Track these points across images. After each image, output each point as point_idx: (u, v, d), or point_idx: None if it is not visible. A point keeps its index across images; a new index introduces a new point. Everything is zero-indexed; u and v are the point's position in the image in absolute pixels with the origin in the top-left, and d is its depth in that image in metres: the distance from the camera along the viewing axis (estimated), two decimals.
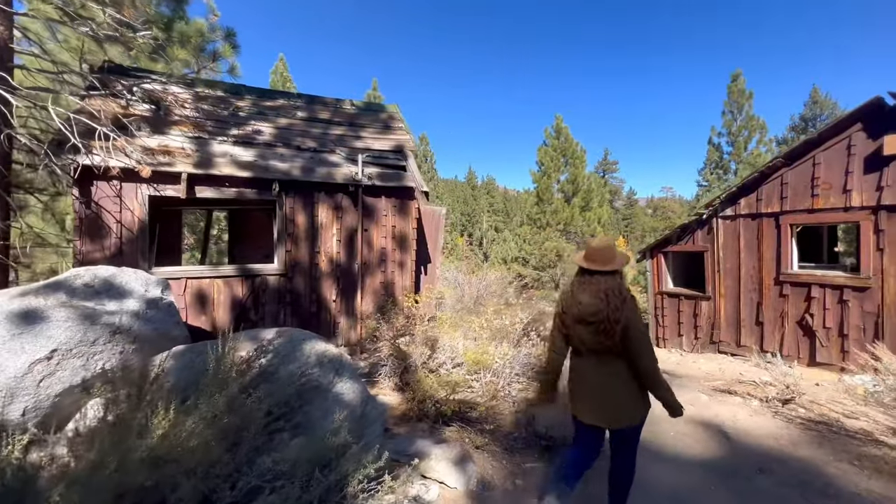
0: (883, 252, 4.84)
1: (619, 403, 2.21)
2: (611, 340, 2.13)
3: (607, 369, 2.22)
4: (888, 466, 3.17)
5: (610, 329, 2.11)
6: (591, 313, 2.16)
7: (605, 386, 2.23)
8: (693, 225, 6.94)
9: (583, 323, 2.21)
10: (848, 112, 5.11)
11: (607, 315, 2.11)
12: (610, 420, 2.23)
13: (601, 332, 2.14)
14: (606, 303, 2.13)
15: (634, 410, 2.22)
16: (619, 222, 59.31)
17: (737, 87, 16.76)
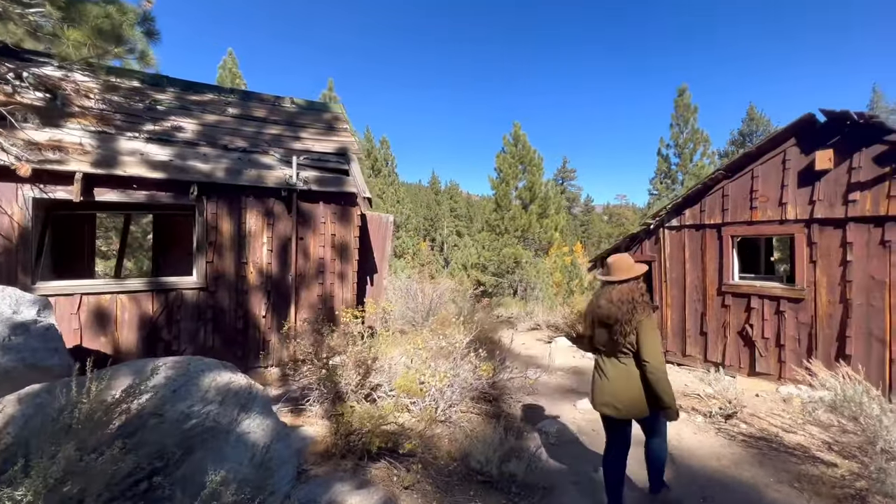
0: (815, 264, 4.95)
1: (632, 397, 2.51)
2: (624, 340, 2.48)
3: (622, 366, 2.55)
4: (826, 487, 3.11)
5: (622, 330, 2.47)
6: (607, 316, 2.55)
7: (613, 377, 2.57)
8: (641, 235, 6.96)
9: (602, 325, 2.62)
10: (783, 127, 5.23)
11: (619, 317, 2.49)
12: (625, 412, 2.55)
13: (616, 332, 2.50)
14: (618, 307, 2.51)
15: (637, 405, 2.52)
16: (577, 228, 61.15)
17: (683, 102, 17.59)
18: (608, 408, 2.59)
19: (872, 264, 4.51)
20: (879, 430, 3.06)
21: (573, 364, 7.13)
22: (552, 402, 5.10)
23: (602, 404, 2.63)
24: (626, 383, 2.52)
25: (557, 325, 10.64)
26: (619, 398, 2.54)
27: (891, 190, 4.39)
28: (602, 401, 2.62)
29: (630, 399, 2.51)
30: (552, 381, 6.14)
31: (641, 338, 2.43)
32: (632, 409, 2.53)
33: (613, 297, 2.57)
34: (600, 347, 2.68)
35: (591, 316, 2.73)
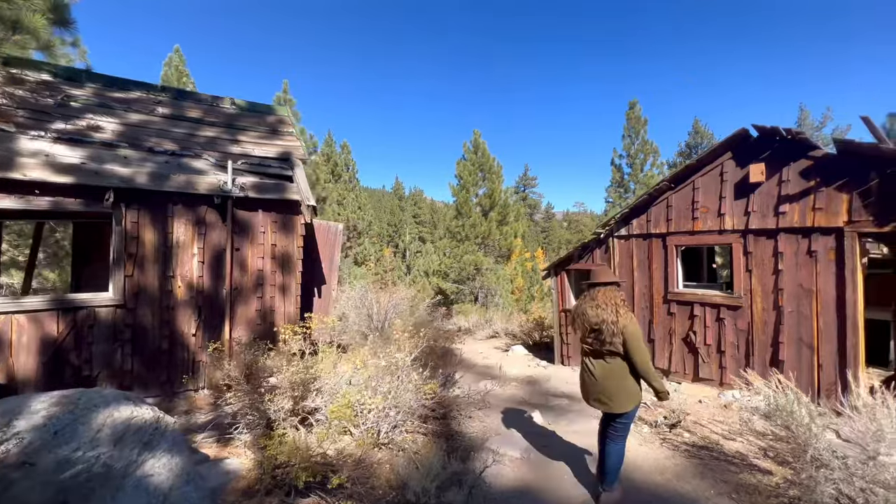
0: (751, 273, 5.14)
1: (617, 393, 2.87)
2: (611, 340, 2.80)
3: (609, 366, 2.89)
4: (761, 497, 3.14)
5: (610, 330, 2.80)
6: (595, 320, 2.88)
7: (600, 375, 2.93)
8: (592, 244, 7.05)
9: (591, 329, 2.94)
10: (721, 141, 5.42)
11: (605, 318, 2.82)
12: (608, 406, 2.91)
13: (605, 333, 2.82)
14: (603, 308, 2.85)
15: (627, 401, 2.88)
16: (538, 235, 62.56)
17: (634, 114, 18.37)
18: (598, 403, 3.00)
19: (801, 273, 4.73)
20: (809, 437, 3.13)
21: (528, 374, 7.08)
22: (504, 416, 4.97)
23: (593, 399, 3.03)
24: (612, 381, 2.90)
25: (515, 334, 10.64)
26: (607, 394, 2.92)
27: (816, 203, 4.62)
28: (593, 397, 3.03)
29: (615, 396, 2.89)
30: (506, 393, 6.04)
31: (628, 340, 2.80)
32: (616, 404, 2.90)
33: (598, 299, 2.95)
34: (588, 349, 3.05)
35: (581, 322, 3.05)
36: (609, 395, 2.90)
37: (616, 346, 2.83)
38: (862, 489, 2.83)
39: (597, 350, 2.96)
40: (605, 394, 2.92)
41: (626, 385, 2.89)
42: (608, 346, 2.86)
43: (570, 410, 5.09)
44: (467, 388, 5.95)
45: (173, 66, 18.49)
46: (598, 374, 2.95)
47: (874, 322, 5.61)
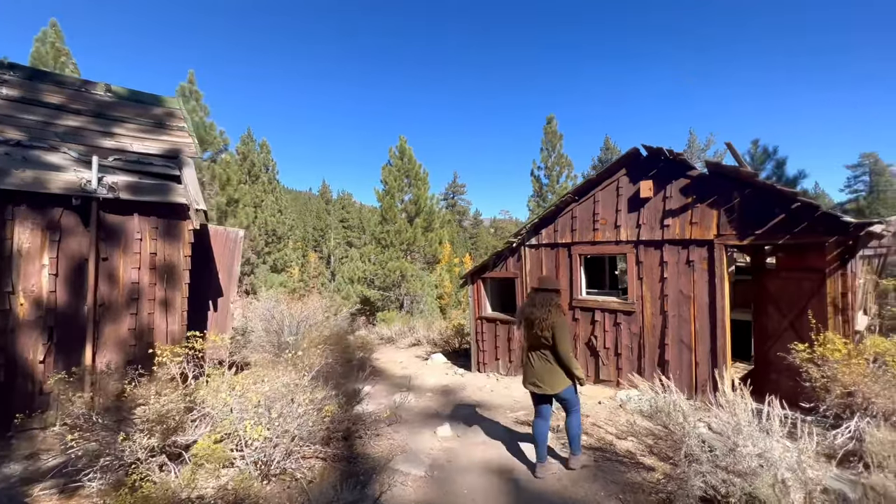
0: (642, 281, 5.58)
1: (550, 379, 3.50)
2: (543, 334, 3.45)
3: (543, 356, 3.55)
4: (644, 495, 3.33)
5: (542, 325, 3.44)
6: (533, 317, 3.51)
7: (538, 366, 3.57)
8: (506, 252, 7.22)
9: (528, 325, 3.57)
10: (617, 159, 5.84)
11: (539, 316, 3.47)
12: (549, 388, 3.52)
13: (537, 328, 3.47)
14: (540, 309, 3.49)
15: (557, 384, 3.50)
16: (467, 241, 63.94)
17: (551, 129, 19.55)
18: (533, 386, 3.62)
19: (681, 281, 5.22)
20: (684, 435, 3.39)
21: (444, 383, 7.03)
22: (413, 432, 4.82)
23: (529, 384, 3.67)
24: (545, 369, 3.55)
25: (436, 341, 10.60)
26: (541, 379, 3.57)
27: (692, 217, 5.14)
28: (529, 381, 3.66)
29: (547, 380, 3.53)
30: (419, 405, 5.90)
31: (556, 334, 3.43)
32: (548, 387, 3.53)
33: (537, 301, 3.60)
34: (527, 344, 3.69)
35: (523, 319, 3.68)
36: (542, 380, 3.56)
37: (547, 339, 3.47)
38: (723, 480, 3.12)
39: (533, 343, 3.61)
40: (539, 379, 3.57)
41: (555, 372, 3.53)
42: (542, 339, 3.50)
43: (480, 420, 5.09)
44: (380, 402, 5.73)
45: (48, 42, 15.95)
46: (535, 364, 3.61)
47: (740, 322, 6.39)
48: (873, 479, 3.10)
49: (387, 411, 5.13)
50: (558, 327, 3.42)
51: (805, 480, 3.09)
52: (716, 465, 3.27)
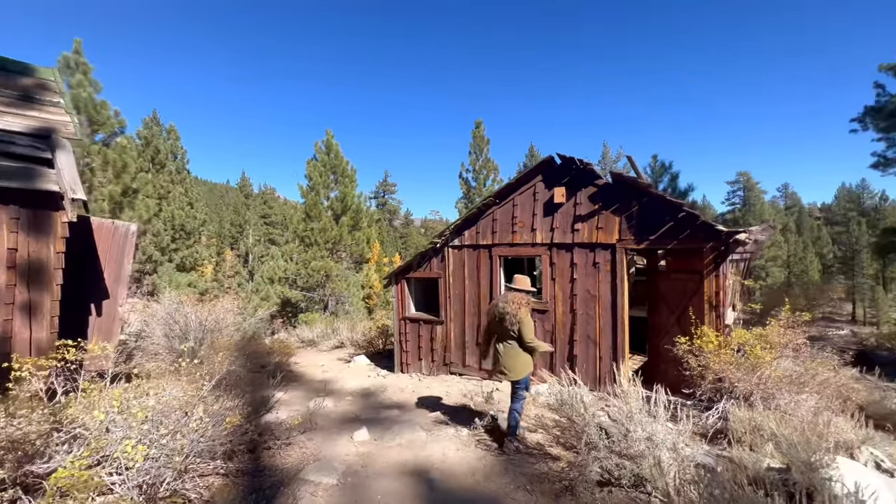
0: (555, 281, 5.94)
1: (514, 367, 4.04)
2: (512, 328, 3.96)
3: (510, 346, 4.06)
4: (548, 484, 3.53)
5: (511, 321, 3.95)
6: (504, 312, 3.99)
7: (504, 354, 4.08)
8: (430, 253, 7.26)
9: (499, 319, 4.04)
10: (534, 165, 6.15)
11: (509, 311, 3.96)
12: (508, 376, 4.06)
13: (507, 322, 3.97)
14: (511, 306, 3.98)
15: (523, 371, 4.06)
16: (397, 240, 63.51)
17: (479, 133, 20.13)
18: (500, 374, 4.13)
19: (588, 281, 5.64)
20: (585, 425, 3.65)
21: (365, 386, 6.87)
22: (328, 438, 4.63)
23: (498, 372, 4.15)
24: (510, 357, 4.07)
25: (360, 343, 10.35)
26: (508, 367, 4.08)
27: (599, 223, 5.58)
28: (498, 370, 4.15)
29: (513, 368, 4.06)
30: (338, 409, 5.70)
31: (522, 327, 3.97)
32: (513, 374, 4.07)
33: (510, 299, 4.06)
34: (494, 336, 4.19)
35: (494, 314, 4.13)
36: (509, 367, 4.07)
37: (514, 332, 3.99)
38: (616, 464, 3.41)
39: (501, 335, 4.10)
40: (506, 367, 4.08)
41: (520, 360, 4.06)
42: (510, 332, 4.01)
43: (398, 422, 5.04)
44: (295, 409, 5.43)
45: None
46: (502, 353, 4.10)
47: (638, 319, 7.07)
48: (734, 452, 3.60)
49: (300, 418, 4.87)
50: (525, 322, 3.99)
51: (682, 458, 3.50)
52: (611, 451, 3.57)
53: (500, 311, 4.04)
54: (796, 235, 38.27)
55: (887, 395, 5.66)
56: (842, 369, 6.98)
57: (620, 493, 3.33)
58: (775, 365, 4.23)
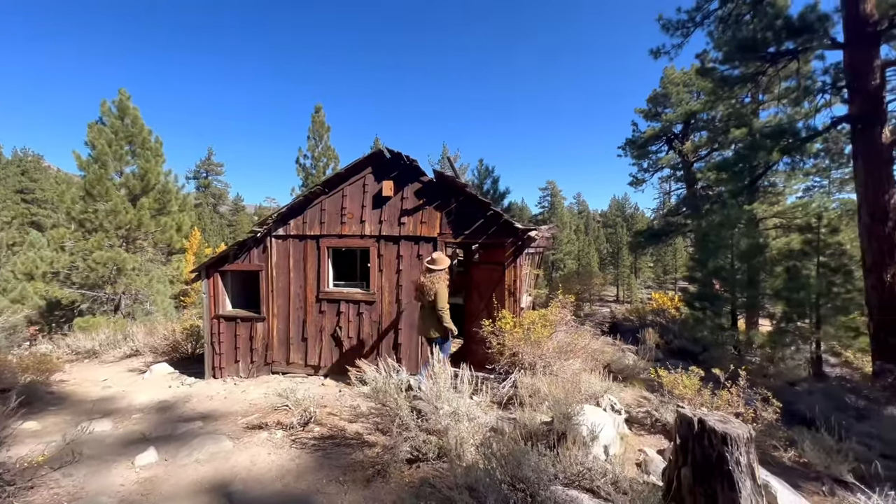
0: (383, 273, 6.07)
1: (433, 327, 5.00)
2: (431, 299, 4.92)
3: (430, 311, 4.99)
4: (361, 472, 3.59)
5: (430, 292, 4.92)
6: (426, 286, 4.95)
7: (428, 319, 5.03)
8: (250, 242, 6.56)
9: (422, 291, 5.00)
10: (364, 156, 6.13)
11: (430, 286, 4.92)
12: (433, 335, 5.02)
13: (427, 294, 4.94)
14: (432, 281, 4.93)
15: (440, 330, 4.99)
16: (224, 228, 55.70)
17: (319, 118, 19.06)
18: (426, 333, 5.05)
19: (413, 273, 5.94)
20: (397, 409, 3.84)
21: (163, 398, 5.82)
22: (98, 469, 3.76)
23: (424, 332, 5.09)
24: (432, 321, 4.96)
25: (160, 349, 8.69)
26: (426, 329, 5.03)
27: (423, 217, 5.92)
28: (422, 330, 5.11)
29: (432, 328, 4.98)
30: (118, 432, 4.69)
31: (438, 297, 4.87)
32: (430, 335, 5.01)
33: (433, 276, 4.94)
34: (421, 303, 5.07)
35: (417, 285, 5.10)
36: (428, 329, 5.02)
37: (433, 301, 4.89)
38: (424, 441, 3.70)
39: (424, 304, 5.02)
40: (427, 328, 5.03)
41: (435, 323, 4.96)
42: (429, 300, 4.91)
43: (199, 434, 4.42)
44: (52, 440, 4.23)
45: None
46: (426, 318, 5.04)
47: (458, 306, 7.81)
48: (518, 413, 4.30)
49: (51, 451, 3.82)
50: (440, 294, 4.88)
51: (479, 425, 4.00)
52: (421, 429, 3.85)
53: (425, 284, 4.95)
54: (584, 234, 48.15)
55: (625, 354, 7.62)
56: (599, 337, 9.15)
57: (427, 466, 3.61)
58: (553, 338, 5.22)
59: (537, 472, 2.73)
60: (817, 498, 3.83)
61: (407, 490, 3.28)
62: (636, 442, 4.61)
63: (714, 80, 11.88)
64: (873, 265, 8.56)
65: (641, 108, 22.70)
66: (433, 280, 4.92)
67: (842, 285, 9.75)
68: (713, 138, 19.74)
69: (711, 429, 3.03)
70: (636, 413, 5.23)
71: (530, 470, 2.76)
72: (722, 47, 10.75)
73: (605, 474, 2.87)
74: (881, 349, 8.39)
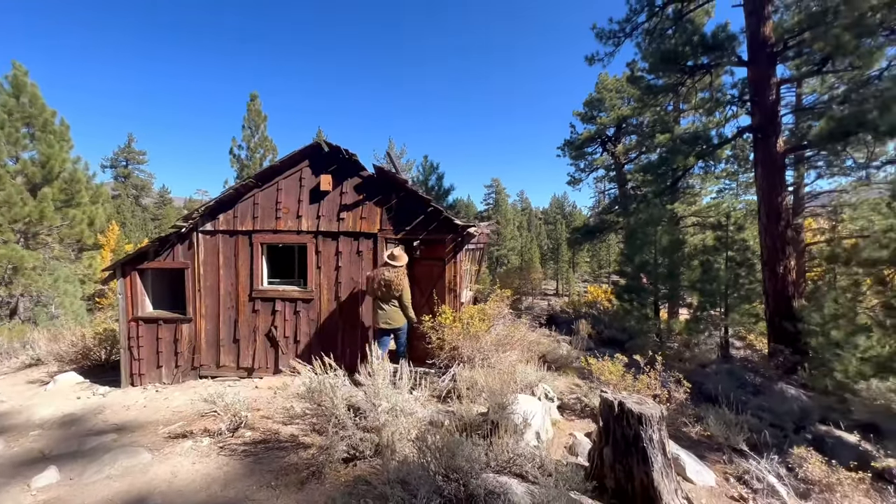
0: (321, 270, 5.90)
1: (393, 318, 5.30)
2: (395, 293, 5.21)
3: (392, 305, 5.29)
4: (295, 474, 3.49)
5: (395, 287, 5.18)
6: (390, 280, 5.16)
7: (387, 311, 5.28)
8: (173, 238, 6.07)
9: (384, 286, 5.19)
10: (300, 149, 5.90)
11: (394, 280, 5.16)
12: (392, 326, 5.31)
13: (392, 288, 5.18)
14: (396, 276, 5.18)
15: (399, 322, 5.34)
16: (148, 223, 51.10)
17: (255, 107, 17.98)
18: (385, 324, 5.28)
19: (353, 269, 5.84)
20: (334, 408, 3.77)
21: (69, 411, 5.24)
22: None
23: (383, 322, 5.27)
24: (391, 313, 5.26)
25: (68, 357, 7.79)
26: (390, 320, 5.28)
27: (363, 213, 5.82)
28: (382, 321, 5.27)
29: (394, 320, 5.28)
30: (10, 452, 4.17)
31: (403, 293, 5.23)
32: (394, 324, 5.29)
33: (395, 271, 5.20)
34: (378, 297, 5.26)
35: (378, 280, 5.20)
36: (391, 320, 5.27)
37: (397, 296, 5.23)
38: (361, 438, 3.67)
39: (385, 297, 5.23)
40: (390, 319, 5.27)
41: (399, 314, 5.31)
42: (393, 295, 5.20)
43: (112, 448, 4.04)
44: None
45: None
46: (385, 309, 5.25)
47: None
48: (457, 406, 4.40)
49: None
50: (405, 288, 5.24)
51: (418, 420, 4.04)
52: (358, 427, 3.80)
53: (387, 280, 5.14)
54: (527, 231, 49.95)
55: (560, 344, 8.03)
56: (537, 330, 9.57)
57: (364, 464, 3.59)
58: (491, 332, 5.38)
59: (470, 462, 2.81)
60: (719, 466, 4.30)
61: (342, 489, 3.23)
62: (567, 427, 4.88)
63: (641, 88, 12.80)
64: (769, 259, 9.71)
65: (579, 111, 23.89)
66: (398, 275, 5.19)
67: (746, 277, 10.95)
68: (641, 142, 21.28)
69: (629, 410, 3.30)
70: (568, 400, 5.55)
71: (463, 460, 2.83)
72: (648, 58, 11.60)
73: (534, 459, 3.02)
74: (775, 332, 9.56)
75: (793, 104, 13.89)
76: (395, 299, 5.25)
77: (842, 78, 10.60)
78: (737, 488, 3.86)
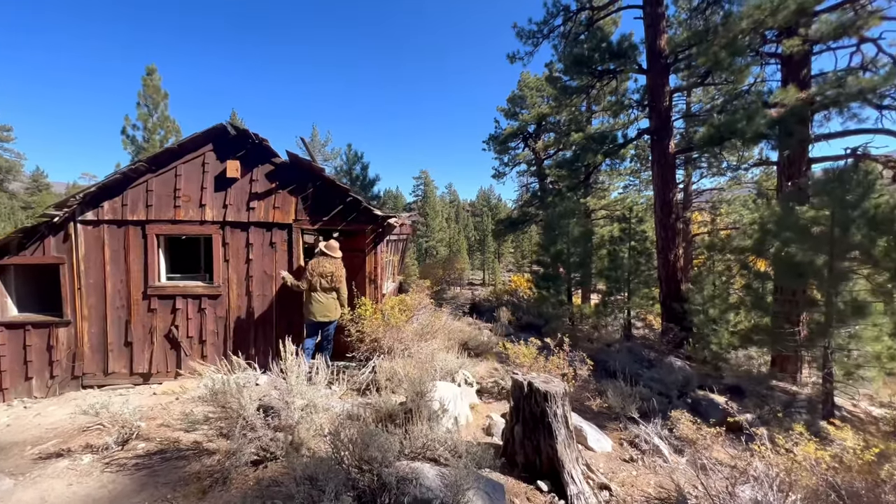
0: (229, 263, 5.48)
1: (331, 310, 5.20)
2: (335, 285, 5.20)
3: (330, 296, 5.20)
4: (197, 483, 3.23)
5: (334, 278, 5.18)
6: (330, 272, 5.16)
7: (326, 303, 5.17)
8: (44, 229, 5.22)
9: (323, 276, 5.14)
10: (202, 132, 5.38)
11: (333, 272, 5.18)
12: (328, 317, 5.19)
13: (330, 279, 5.17)
14: (335, 267, 5.20)
15: (336, 314, 5.25)
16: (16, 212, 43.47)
17: (152, 83, 15.92)
18: (321, 316, 5.16)
19: (265, 261, 5.50)
20: (241, 410, 3.54)
21: None
22: None
23: (320, 315, 5.15)
24: (330, 305, 5.19)
25: None
26: (328, 312, 5.19)
27: (276, 202, 5.49)
28: (320, 314, 5.16)
29: (331, 312, 5.20)
30: None
31: (339, 285, 5.24)
32: (331, 317, 5.21)
33: (334, 262, 5.24)
34: (317, 288, 5.15)
35: (320, 272, 5.15)
36: (329, 312, 5.15)
37: (335, 286, 5.19)
38: (272, 438, 3.50)
39: (325, 288, 5.15)
40: (328, 311, 5.15)
41: (336, 306, 5.23)
42: (332, 285, 5.17)
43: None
44: None
45: None
46: (324, 301, 5.14)
47: None
48: (376, 398, 4.37)
49: None
50: (343, 278, 5.23)
51: (335, 415, 3.95)
52: (270, 427, 3.62)
53: (329, 271, 5.15)
54: (455, 223, 50.86)
55: (481, 331, 8.34)
56: (461, 318, 9.85)
57: (276, 465, 3.43)
58: (412, 322, 5.41)
59: (383, 451, 2.82)
60: (616, 434, 4.79)
61: (250, 493, 3.06)
62: (485, 409, 5.10)
63: (558, 89, 13.57)
64: (662, 248, 10.95)
65: (503, 106, 24.72)
66: (337, 266, 5.24)
67: (645, 265, 12.24)
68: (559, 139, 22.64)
69: (536, 389, 3.53)
70: (487, 384, 5.79)
71: (377, 450, 2.83)
72: (564, 60, 12.32)
73: (446, 443, 3.12)
74: (667, 312, 10.83)
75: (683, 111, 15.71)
76: (335, 290, 5.24)
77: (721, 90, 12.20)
78: (629, 451, 4.33)
